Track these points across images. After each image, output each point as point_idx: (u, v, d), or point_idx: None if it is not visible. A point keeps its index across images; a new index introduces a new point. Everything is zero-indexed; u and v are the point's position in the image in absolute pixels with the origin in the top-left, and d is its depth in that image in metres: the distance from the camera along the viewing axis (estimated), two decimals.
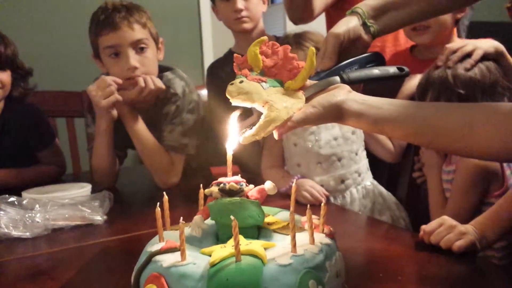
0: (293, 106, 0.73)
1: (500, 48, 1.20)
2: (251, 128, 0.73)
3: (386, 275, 0.82)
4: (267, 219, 0.73)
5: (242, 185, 0.70)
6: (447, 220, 0.94)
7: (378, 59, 0.93)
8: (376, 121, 0.73)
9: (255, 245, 0.62)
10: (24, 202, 1.14)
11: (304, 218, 0.72)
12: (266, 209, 0.76)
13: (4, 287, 0.85)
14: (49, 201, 1.16)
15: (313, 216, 0.71)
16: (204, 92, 1.93)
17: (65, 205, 1.16)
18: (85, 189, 1.35)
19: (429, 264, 0.88)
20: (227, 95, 0.75)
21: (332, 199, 1.38)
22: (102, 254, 1.00)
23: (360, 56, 0.91)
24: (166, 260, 0.61)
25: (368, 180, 1.45)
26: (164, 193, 0.71)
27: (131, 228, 1.12)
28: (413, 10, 0.93)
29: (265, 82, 0.76)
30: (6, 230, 1.07)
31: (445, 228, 0.93)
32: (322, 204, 0.69)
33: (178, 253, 0.62)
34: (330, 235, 0.69)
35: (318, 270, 0.60)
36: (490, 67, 1.17)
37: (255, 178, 1.36)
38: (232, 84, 0.76)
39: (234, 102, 0.75)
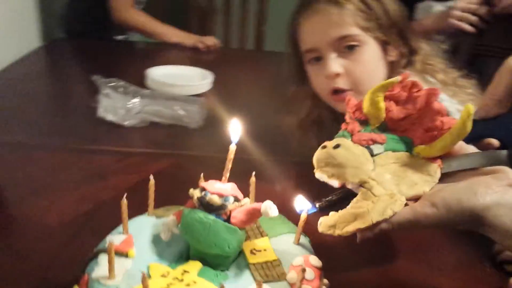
0: (408, 192, 0.48)
1: None
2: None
3: None
4: (259, 243, 0.59)
5: (227, 200, 0.56)
6: None
7: None
8: None
9: None
10: (129, 89, 1.14)
11: (298, 260, 0.57)
12: (272, 223, 0.62)
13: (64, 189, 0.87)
14: (152, 94, 1.15)
15: (313, 259, 0.56)
16: None
17: (165, 103, 1.14)
18: (206, 80, 1.31)
19: None
20: (313, 162, 0.53)
21: None
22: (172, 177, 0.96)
23: None
24: (100, 267, 0.54)
25: None
26: (151, 177, 0.61)
27: (223, 144, 1.06)
28: None
29: (380, 143, 0.51)
30: (103, 114, 1.10)
31: None
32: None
33: (123, 260, 0.55)
34: None
35: None
36: None
37: None
38: (324, 147, 0.52)
39: (319, 175, 0.53)
